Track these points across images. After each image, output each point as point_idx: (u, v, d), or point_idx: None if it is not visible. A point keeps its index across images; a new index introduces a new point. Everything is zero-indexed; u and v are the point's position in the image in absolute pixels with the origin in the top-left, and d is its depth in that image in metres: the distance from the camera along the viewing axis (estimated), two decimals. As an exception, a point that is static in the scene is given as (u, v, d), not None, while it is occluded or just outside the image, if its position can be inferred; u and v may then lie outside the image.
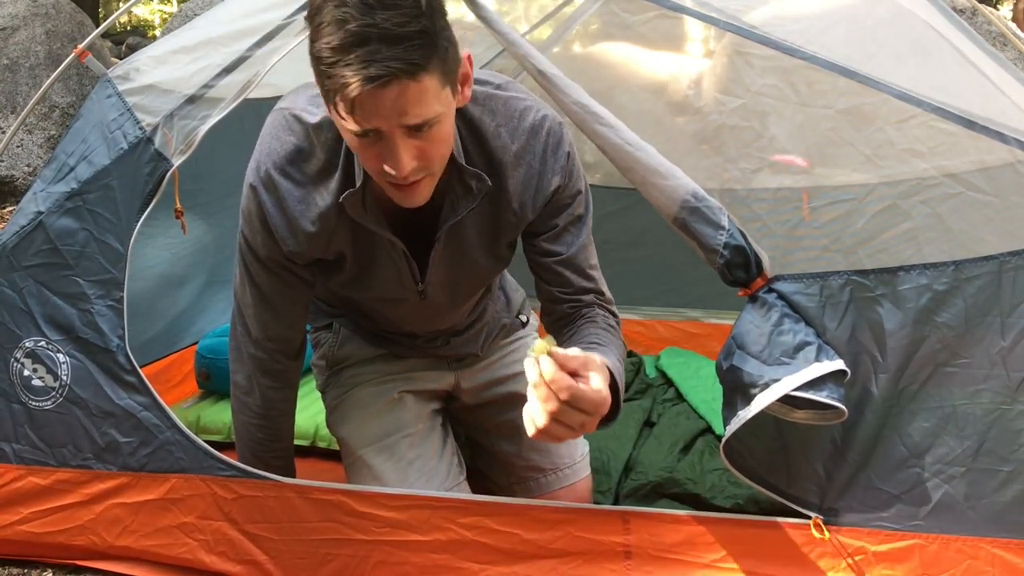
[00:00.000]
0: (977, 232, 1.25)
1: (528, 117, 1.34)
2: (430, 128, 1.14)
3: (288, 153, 1.33)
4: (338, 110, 1.12)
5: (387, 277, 1.45)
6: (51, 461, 1.64)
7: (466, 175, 1.31)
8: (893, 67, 1.32)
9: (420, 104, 1.10)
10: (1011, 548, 1.26)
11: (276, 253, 1.41)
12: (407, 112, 1.10)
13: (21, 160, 4.85)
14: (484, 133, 1.33)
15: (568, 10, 2.59)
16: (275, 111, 1.37)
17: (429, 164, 1.18)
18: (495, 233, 1.42)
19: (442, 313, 1.57)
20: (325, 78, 1.09)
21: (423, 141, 1.15)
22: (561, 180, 1.37)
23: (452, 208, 1.35)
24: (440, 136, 1.17)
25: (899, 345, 1.27)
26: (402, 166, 1.14)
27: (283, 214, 1.36)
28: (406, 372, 1.71)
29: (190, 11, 5.64)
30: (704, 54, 2.04)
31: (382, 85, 1.05)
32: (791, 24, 1.38)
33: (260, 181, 1.35)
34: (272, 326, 1.50)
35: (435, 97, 1.12)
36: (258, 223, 1.38)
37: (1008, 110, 1.29)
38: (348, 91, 1.06)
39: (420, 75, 1.08)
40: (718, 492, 1.71)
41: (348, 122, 1.12)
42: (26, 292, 1.62)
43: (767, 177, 1.37)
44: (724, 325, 2.58)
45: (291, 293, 1.48)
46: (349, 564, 1.53)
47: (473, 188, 1.32)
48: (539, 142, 1.34)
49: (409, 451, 1.60)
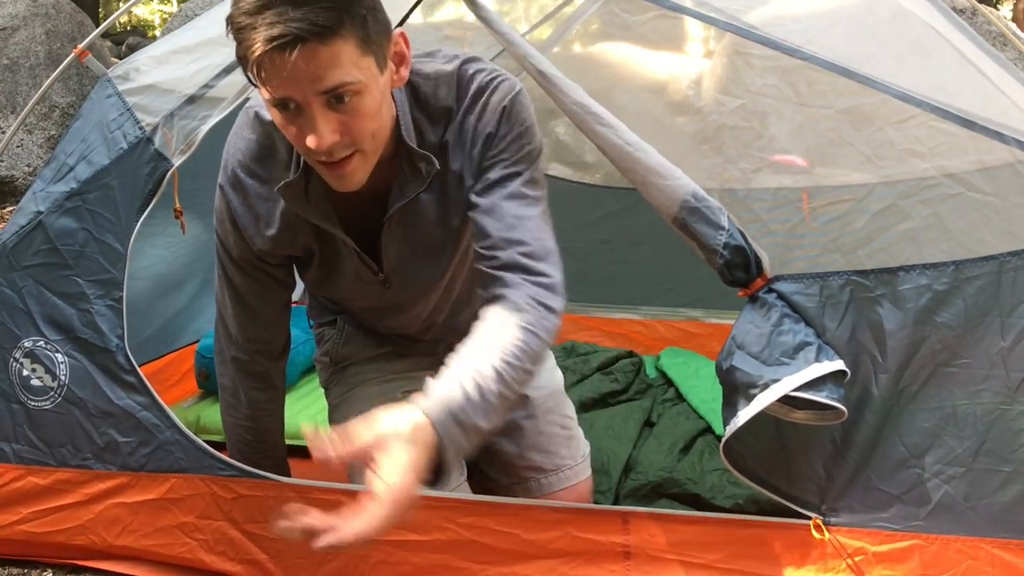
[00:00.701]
0: (977, 232, 1.25)
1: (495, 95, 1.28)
2: (350, 99, 1.12)
3: (251, 151, 1.34)
4: (253, 79, 1.10)
5: (349, 274, 1.44)
6: (50, 461, 1.64)
7: (415, 157, 1.28)
8: (893, 67, 1.32)
9: (333, 68, 1.07)
10: (1011, 548, 1.26)
11: (247, 253, 1.41)
12: (319, 77, 1.07)
13: (21, 160, 4.85)
14: (435, 110, 1.30)
15: (568, 10, 2.59)
16: (243, 110, 1.37)
17: (355, 140, 1.15)
18: (445, 206, 1.37)
19: (414, 302, 1.53)
20: (237, 45, 1.09)
21: (344, 115, 1.13)
22: (494, 128, 1.28)
23: (400, 191, 1.31)
24: (364, 110, 1.14)
25: (899, 345, 1.27)
26: (320, 137, 1.11)
27: (249, 212, 1.36)
28: (409, 371, 1.70)
29: (190, 11, 5.64)
30: (704, 54, 2.04)
31: (284, 46, 1.04)
32: (791, 24, 1.38)
33: (227, 180, 1.36)
34: (250, 328, 1.50)
35: (352, 63, 1.09)
36: (228, 223, 1.39)
37: (1008, 110, 1.29)
38: (253, 52, 1.05)
39: (330, 38, 1.06)
40: (718, 492, 1.71)
41: (263, 92, 1.11)
42: (25, 292, 1.62)
43: (767, 177, 1.37)
44: (724, 325, 2.58)
45: (266, 294, 1.48)
46: (349, 564, 1.53)
47: (423, 171, 1.28)
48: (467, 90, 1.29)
49: None
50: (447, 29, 2.64)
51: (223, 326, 1.52)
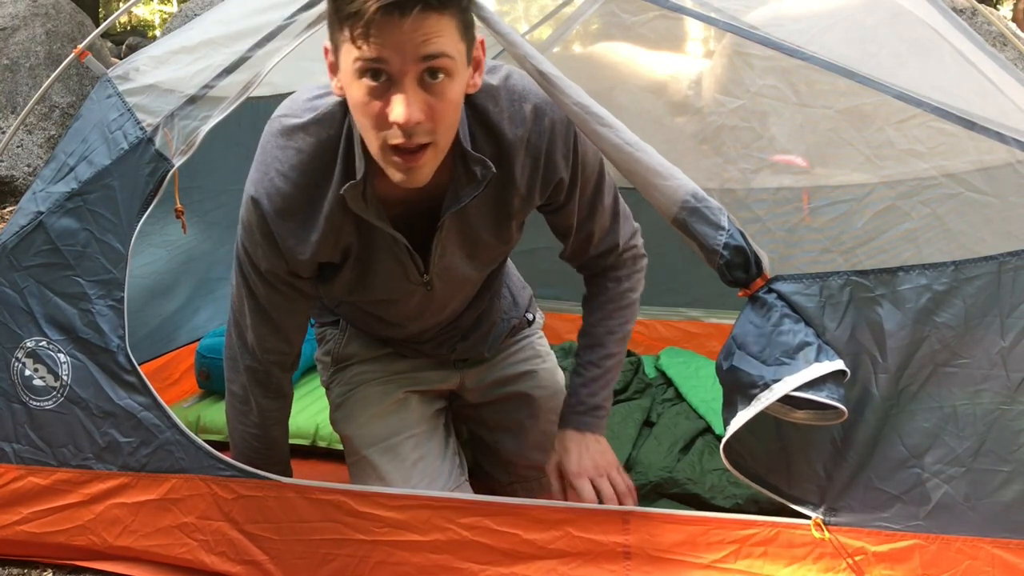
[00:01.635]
0: (977, 232, 1.25)
1: (528, 102, 1.33)
2: (442, 79, 1.13)
3: (290, 160, 1.32)
4: (351, 37, 1.09)
5: (389, 274, 1.44)
6: (51, 461, 1.64)
7: (471, 161, 1.30)
8: (893, 67, 1.32)
9: (440, 36, 1.09)
10: (1011, 548, 1.26)
11: (278, 267, 1.40)
12: (425, 42, 1.08)
13: (21, 160, 4.86)
14: (490, 118, 1.32)
15: (568, 10, 2.59)
16: (271, 120, 1.36)
17: (436, 126, 1.16)
18: (502, 216, 1.41)
19: (445, 305, 1.56)
20: (343, 4, 1.08)
21: (433, 96, 1.13)
22: (569, 166, 1.37)
23: (455, 195, 1.33)
24: (450, 95, 1.15)
25: (899, 345, 1.27)
26: (409, 111, 1.11)
27: (289, 220, 1.35)
28: (412, 371, 1.71)
29: (190, 11, 5.64)
30: (704, 54, 2.04)
31: (403, 8, 1.05)
32: (791, 24, 1.38)
33: (264, 191, 1.34)
34: (269, 339, 1.49)
35: (452, 42, 1.11)
36: (260, 235, 1.37)
37: (1008, 110, 1.29)
38: (366, 10, 1.05)
39: (443, 9, 1.08)
40: (718, 492, 1.71)
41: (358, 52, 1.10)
42: (27, 292, 1.62)
43: (767, 177, 1.37)
44: (724, 325, 2.58)
45: (290, 307, 1.47)
46: (349, 564, 1.53)
47: (477, 174, 1.30)
48: (543, 126, 1.34)
49: (413, 452, 1.61)
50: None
51: (238, 335, 1.51)
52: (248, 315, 1.47)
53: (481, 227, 1.42)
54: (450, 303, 1.57)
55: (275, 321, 1.47)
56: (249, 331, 1.48)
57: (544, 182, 1.38)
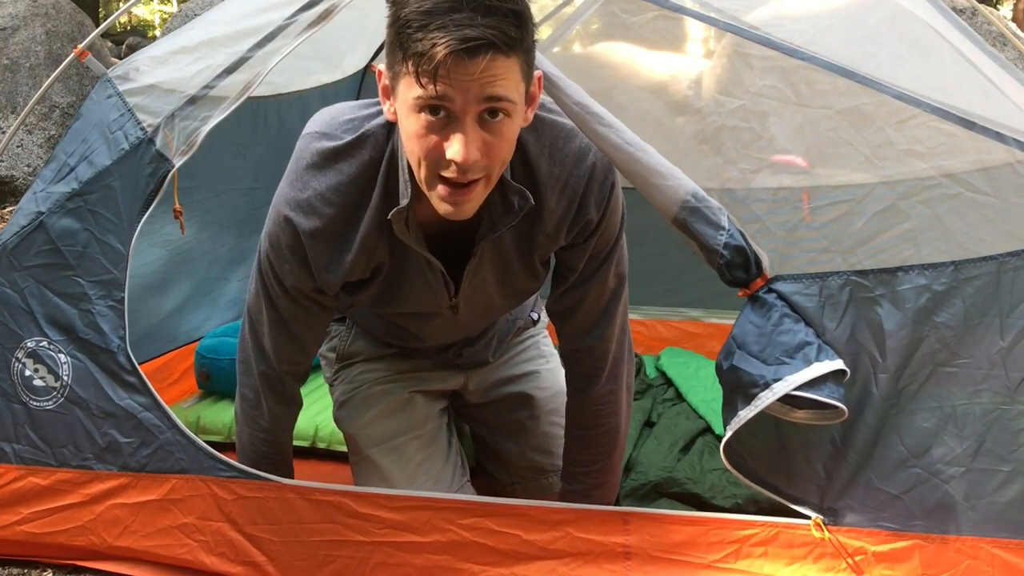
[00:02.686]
0: (976, 232, 1.25)
1: (573, 142, 1.33)
2: (501, 119, 1.13)
3: (329, 182, 1.31)
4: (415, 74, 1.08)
5: (418, 294, 1.44)
6: (51, 461, 1.64)
7: (509, 191, 1.29)
8: (893, 67, 1.32)
9: (503, 80, 1.09)
10: (1011, 548, 1.26)
11: (305, 284, 1.39)
12: (490, 84, 1.08)
13: (21, 160, 4.85)
14: (529, 151, 1.32)
15: (568, 10, 2.59)
16: (306, 136, 1.34)
17: (491, 164, 1.16)
18: (526, 249, 1.41)
19: (466, 327, 1.57)
20: (410, 42, 1.06)
21: (491, 135, 1.13)
22: (599, 213, 1.36)
23: (491, 224, 1.33)
24: (507, 135, 1.15)
25: (898, 345, 1.27)
26: (468, 151, 1.11)
27: (325, 240, 1.34)
28: (416, 371, 1.71)
29: (190, 11, 5.64)
30: (704, 54, 2.03)
31: (476, 50, 1.04)
32: (791, 24, 1.38)
33: (299, 212, 1.32)
34: (286, 349, 1.49)
35: (515, 84, 1.11)
36: (289, 253, 1.36)
37: (1008, 110, 1.29)
38: (436, 51, 1.04)
39: (511, 51, 1.07)
40: (718, 492, 1.71)
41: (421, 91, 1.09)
42: (27, 292, 1.62)
43: (767, 177, 1.37)
44: (724, 325, 2.58)
45: (311, 320, 1.47)
46: (349, 565, 1.53)
47: (515, 205, 1.29)
48: (584, 169, 1.33)
49: (417, 453, 1.61)
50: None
51: (255, 341, 1.50)
52: (267, 324, 1.47)
53: (512, 258, 1.41)
54: (471, 326, 1.57)
55: (294, 332, 1.47)
56: (266, 338, 1.48)
57: (572, 223, 1.37)
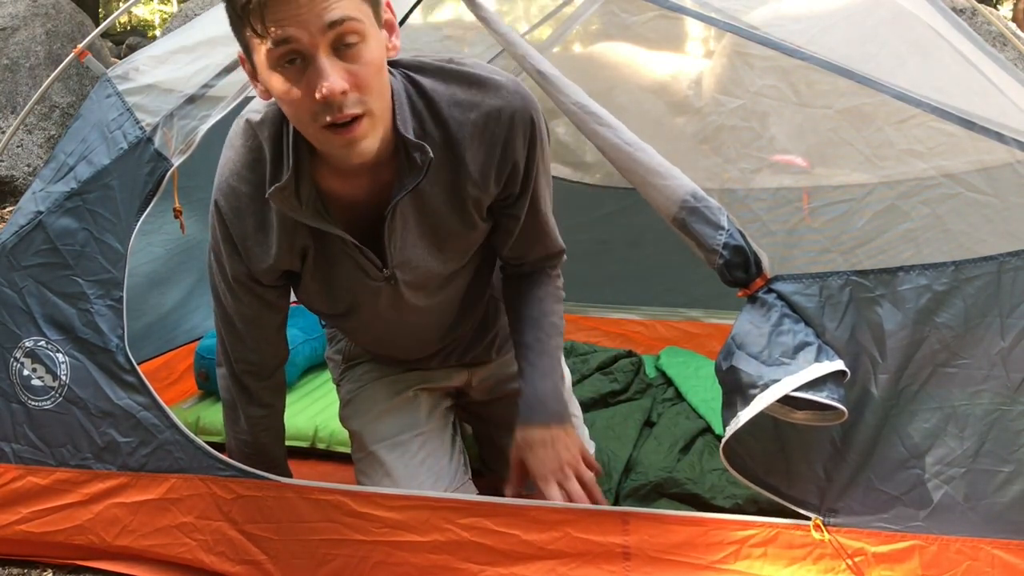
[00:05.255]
0: (977, 232, 1.25)
1: (491, 93, 1.30)
2: (356, 45, 1.11)
3: (243, 159, 1.32)
4: (254, 30, 1.09)
5: (350, 275, 1.42)
6: (50, 461, 1.64)
7: (410, 147, 1.27)
8: (893, 67, 1.32)
9: (339, 1, 1.08)
10: (1011, 549, 1.26)
11: (241, 272, 1.39)
12: (326, 9, 1.07)
13: (21, 160, 4.85)
14: (437, 102, 1.30)
15: (568, 10, 2.58)
16: (235, 121, 1.35)
17: (363, 91, 1.14)
18: (458, 201, 1.38)
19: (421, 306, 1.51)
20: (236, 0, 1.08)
21: (351, 63, 1.12)
22: (526, 152, 1.34)
23: (400, 183, 1.30)
24: (369, 58, 1.13)
25: (899, 345, 1.27)
26: (331, 82, 1.09)
27: (246, 222, 1.35)
28: (421, 370, 1.71)
29: (190, 11, 5.65)
30: (704, 54, 2.04)
31: None
32: (791, 24, 1.38)
33: (222, 192, 1.34)
34: (238, 347, 1.50)
35: (354, 4, 1.10)
36: (221, 239, 1.37)
37: (1008, 110, 1.29)
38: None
39: None
40: (718, 492, 1.71)
41: (265, 41, 1.09)
42: (26, 292, 1.62)
43: (767, 177, 1.37)
44: (724, 325, 2.57)
45: (255, 317, 1.47)
46: (348, 564, 1.53)
47: (418, 160, 1.27)
48: (505, 115, 1.31)
49: (421, 450, 1.61)
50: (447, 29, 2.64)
51: (220, 342, 1.52)
52: (221, 323, 1.49)
53: (443, 214, 1.38)
54: (428, 302, 1.52)
55: (240, 331, 1.48)
56: (225, 337, 1.50)
57: (499, 168, 1.34)
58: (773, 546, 1.36)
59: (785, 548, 1.35)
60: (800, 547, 1.34)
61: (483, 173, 1.34)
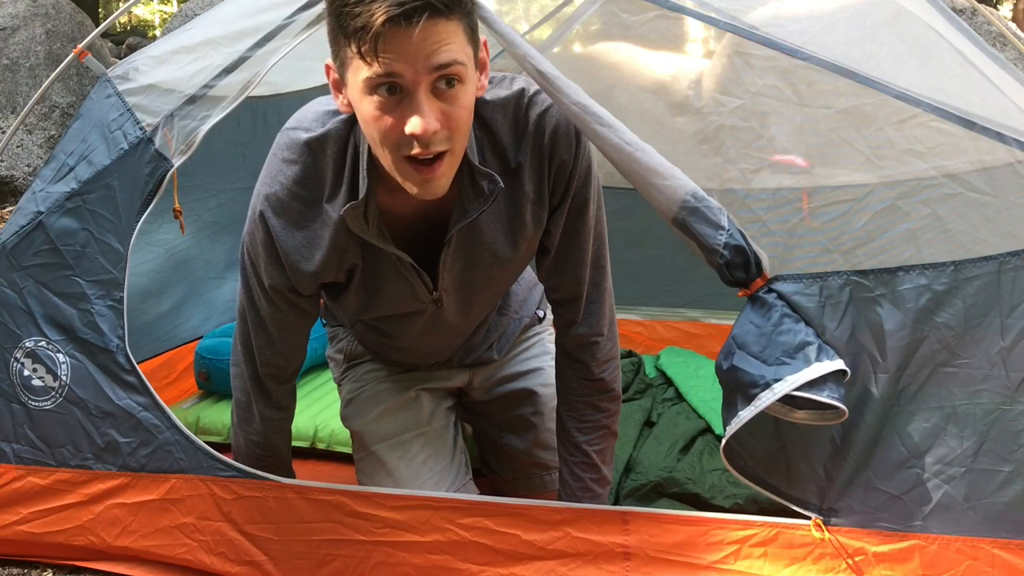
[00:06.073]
0: (977, 232, 1.25)
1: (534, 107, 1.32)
2: (456, 86, 1.12)
3: (295, 174, 1.32)
4: (360, 53, 1.08)
5: (397, 293, 1.43)
6: (51, 461, 1.64)
7: (478, 175, 1.28)
8: (893, 67, 1.32)
9: (450, 44, 1.08)
10: (1011, 548, 1.26)
11: (280, 283, 1.39)
12: (436, 51, 1.07)
13: (21, 160, 4.85)
14: (496, 131, 1.32)
15: (568, 10, 2.58)
16: (281, 132, 1.35)
17: (452, 133, 1.15)
18: (517, 226, 1.39)
19: (455, 323, 1.54)
20: (347, 19, 1.06)
21: (447, 103, 1.13)
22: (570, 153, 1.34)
23: (463, 210, 1.32)
24: (464, 101, 1.15)
25: (899, 345, 1.27)
26: (426, 122, 1.10)
27: (295, 237, 1.34)
28: (423, 370, 1.71)
29: (190, 11, 5.64)
30: (704, 54, 2.03)
31: (411, 15, 1.04)
32: (791, 24, 1.38)
33: (270, 206, 1.33)
34: (265, 351, 1.50)
35: (461, 48, 1.11)
36: (263, 250, 1.36)
37: (1008, 110, 1.29)
38: (373, 23, 1.03)
39: (450, 15, 1.07)
40: (718, 492, 1.71)
41: (368, 69, 1.08)
42: (26, 292, 1.62)
43: (767, 177, 1.37)
44: (724, 325, 2.58)
45: (290, 324, 1.47)
46: (348, 565, 1.53)
47: (484, 189, 1.29)
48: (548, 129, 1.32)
49: (422, 450, 1.61)
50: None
51: (243, 343, 1.51)
52: (250, 326, 1.48)
53: (496, 241, 1.40)
54: (461, 322, 1.55)
55: (272, 337, 1.48)
56: (252, 340, 1.49)
57: (549, 174, 1.36)
58: (773, 546, 1.36)
59: (785, 548, 1.35)
60: (800, 547, 1.35)
61: (538, 187, 1.36)
